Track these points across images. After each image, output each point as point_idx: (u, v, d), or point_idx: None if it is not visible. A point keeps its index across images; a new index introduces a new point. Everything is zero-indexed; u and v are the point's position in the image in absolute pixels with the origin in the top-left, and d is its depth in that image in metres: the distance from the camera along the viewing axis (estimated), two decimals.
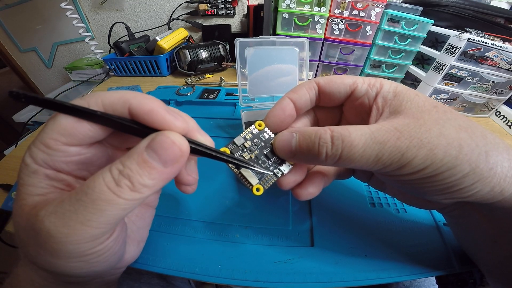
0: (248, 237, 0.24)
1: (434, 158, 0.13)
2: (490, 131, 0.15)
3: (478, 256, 0.21)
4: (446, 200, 0.15)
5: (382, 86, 0.17)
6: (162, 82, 0.65)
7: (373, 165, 0.14)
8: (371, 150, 0.14)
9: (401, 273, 0.21)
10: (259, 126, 0.18)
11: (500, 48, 0.43)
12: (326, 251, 0.23)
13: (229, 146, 0.17)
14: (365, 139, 0.14)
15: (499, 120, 0.52)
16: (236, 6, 0.78)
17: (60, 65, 1.00)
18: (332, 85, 0.18)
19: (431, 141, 0.13)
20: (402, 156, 0.13)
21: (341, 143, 0.14)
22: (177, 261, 0.22)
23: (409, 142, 0.13)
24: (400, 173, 0.14)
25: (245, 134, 0.18)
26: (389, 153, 0.14)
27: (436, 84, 0.49)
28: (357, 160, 0.14)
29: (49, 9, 0.84)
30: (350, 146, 0.14)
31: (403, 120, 0.15)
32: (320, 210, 0.27)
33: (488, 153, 0.13)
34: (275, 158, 0.18)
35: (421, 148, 0.13)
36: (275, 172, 0.18)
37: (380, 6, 0.51)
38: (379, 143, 0.14)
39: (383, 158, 0.14)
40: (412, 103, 0.15)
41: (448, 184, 0.14)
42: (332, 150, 0.15)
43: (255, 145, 0.18)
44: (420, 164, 0.13)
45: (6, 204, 0.29)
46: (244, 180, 0.18)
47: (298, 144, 0.16)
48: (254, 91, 0.36)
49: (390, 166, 0.14)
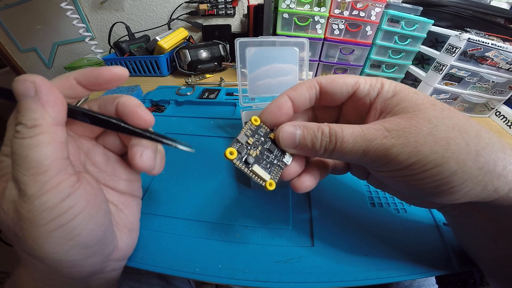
0: (248, 237, 0.24)
1: (420, 155, 0.14)
2: (488, 131, 0.15)
3: (478, 255, 0.21)
4: (443, 201, 0.15)
5: (383, 86, 0.17)
6: (162, 82, 0.65)
7: (361, 159, 0.16)
8: (359, 146, 0.15)
9: (401, 273, 0.21)
10: (255, 121, 0.18)
11: (500, 48, 0.43)
12: (326, 251, 0.23)
13: (234, 146, 0.17)
14: (355, 136, 0.16)
15: (499, 120, 0.52)
16: (236, 6, 0.78)
17: (60, 65, 1.00)
18: (334, 85, 0.18)
19: (418, 140, 0.14)
20: (387, 152, 0.15)
21: (335, 138, 0.16)
22: (177, 261, 0.22)
23: (395, 140, 0.15)
24: (388, 168, 0.15)
25: (245, 131, 0.18)
26: (375, 149, 0.15)
27: (436, 84, 0.49)
28: (347, 154, 0.16)
29: (49, 9, 0.84)
30: (342, 141, 0.16)
31: (394, 120, 0.15)
32: (320, 210, 0.27)
33: (479, 152, 0.14)
34: (277, 151, 0.18)
35: (405, 146, 0.14)
36: (280, 164, 0.18)
37: (380, 6, 0.51)
38: (367, 140, 0.15)
39: (369, 153, 0.15)
40: (409, 102, 0.16)
41: (438, 182, 0.14)
42: (329, 144, 0.16)
43: (256, 140, 0.18)
44: (405, 161, 0.14)
45: None
46: (256, 177, 0.17)
47: (302, 137, 0.17)
48: (254, 91, 0.36)
49: (376, 161, 0.15)
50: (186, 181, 0.30)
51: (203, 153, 0.34)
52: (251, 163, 0.17)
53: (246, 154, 0.17)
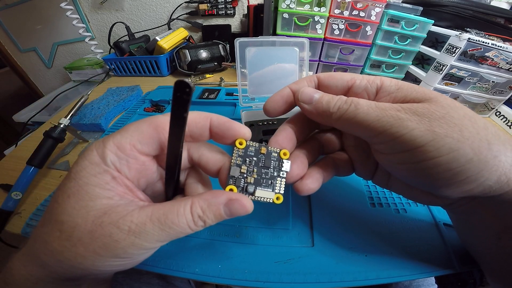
0: (248, 237, 0.24)
1: (435, 136, 0.14)
2: (492, 125, 0.15)
3: (481, 253, 0.20)
4: (454, 194, 0.15)
5: (383, 82, 0.17)
6: (162, 82, 0.65)
7: (373, 128, 0.15)
8: (373, 112, 0.15)
9: (401, 273, 0.21)
10: (240, 145, 0.17)
11: (500, 48, 0.43)
12: (326, 251, 0.23)
13: (231, 182, 0.17)
14: (370, 104, 0.16)
15: (499, 120, 0.52)
16: (236, 6, 0.78)
17: (60, 65, 1.00)
18: (331, 79, 0.19)
19: (432, 120, 0.14)
20: (401, 124, 0.14)
21: (351, 102, 0.16)
22: (177, 261, 0.22)
23: (409, 116, 0.14)
24: (400, 147, 0.15)
25: (235, 161, 0.17)
26: (389, 117, 0.15)
27: (436, 84, 0.49)
28: (360, 120, 0.16)
29: (49, 9, 0.84)
30: (357, 105, 0.16)
31: (407, 103, 0.15)
32: (320, 210, 0.27)
33: (490, 142, 0.14)
34: (273, 163, 0.18)
35: (420, 123, 0.14)
36: (281, 174, 0.18)
37: (380, 6, 0.51)
38: (381, 109, 0.15)
39: (382, 122, 0.15)
40: (418, 93, 0.16)
41: (454, 170, 0.14)
42: (344, 104, 0.16)
43: (249, 164, 0.17)
44: (420, 138, 0.14)
45: (6, 204, 0.29)
46: (262, 199, 0.17)
47: (321, 96, 0.18)
48: (254, 91, 0.36)
49: (389, 133, 0.15)
50: None
51: None
52: (252, 191, 0.17)
53: (244, 184, 0.17)
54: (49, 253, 0.14)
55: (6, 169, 0.38)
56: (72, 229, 0.14)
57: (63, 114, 0.38)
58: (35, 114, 0.61)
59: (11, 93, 1.21)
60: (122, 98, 0.51)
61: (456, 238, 0.24)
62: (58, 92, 0.71)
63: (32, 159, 0.33)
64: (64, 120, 0.37)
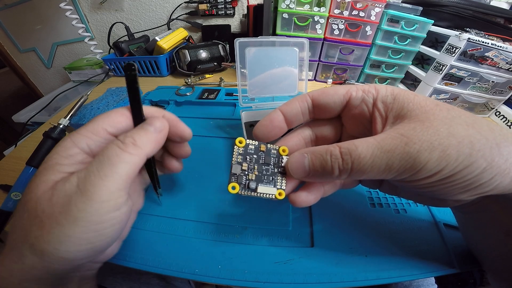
0: (248, 238, 0.24)
1: (449, 159, 0.13)
2: (495, 124, 0.15)
3: (485, 252, 0.20)
4: (468, 198, 0.15)
5: (378, 91, 0.17)
6: (161, 82, 0.65)
7: (386, 174, 0.14)
8: (380, 160, 0.14)
9: (401, 273, 0.21)
10: (240, 144, 0.18)
11: (500, 48, 0.43)
12: (326, 251, 0.23)
13: (233, 180, 0.17)
14: (372, 150, 0.14)
15: (499, 120, 0.52)
16: (236, 6, 0.78)
17: (59, 65, 1.00)
18: (325, 96, 0.18)
19: (442, 142, 0.13)
20: (414, 162, 0.13)
21: (350, 157, 0.15)
22: (177, 261, 0.22)
23: (419, 146, 0.13)
24: (416, 178, 0.14)
25: (236, 159, 0.18)
26: (400, 160, 0.14)
27: (436, 84, 0.49)
28: (368, 171, 0.14)
29: (49, 9, 0.84)
30: (359, 159, 0.14)
31: (408, 125, 0.14)
32: (320, 210, 0.27)
33: (500, 145, 0.13)
34: (273, 159, 0.18)
35: (432, 151, 0.13)
36: (281, 170, 0.18)
37: (380, 6, 0.51)
38: (387, 152, 0.14)
39: (394, 166, 0.14)
40: (414, 104, 0.15)
41: (468, 181, 0.14)
42: (343, 164, 0.15)
43: (250, 161, 0.18)
44: (436, 167, 0.13)
45: (6, 204, 0.29)
46: (264, 195, 0.18)
47: (311, 163, 0.16)
48: (254, 91, 0.36)
49: (404, 173, 0.14)
50: (185, 182, 0.30)
51: (203, 153, 0.34)
52: (254, 187, 0.17)
53: (246, 181, 0.17)
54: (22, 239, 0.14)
55: (6, 170, 0.38)
56: (35, 204, 0.14)
57: (62, 114, 0.38)
58: (35, 114, 0.61)
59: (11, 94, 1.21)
60: (122, 98, 0.51)
61: (456, 238, 0.24)
62: (58, 92, 0.71)
63: (31, 160, 0.32)
64: (64, 120, 0.37)
